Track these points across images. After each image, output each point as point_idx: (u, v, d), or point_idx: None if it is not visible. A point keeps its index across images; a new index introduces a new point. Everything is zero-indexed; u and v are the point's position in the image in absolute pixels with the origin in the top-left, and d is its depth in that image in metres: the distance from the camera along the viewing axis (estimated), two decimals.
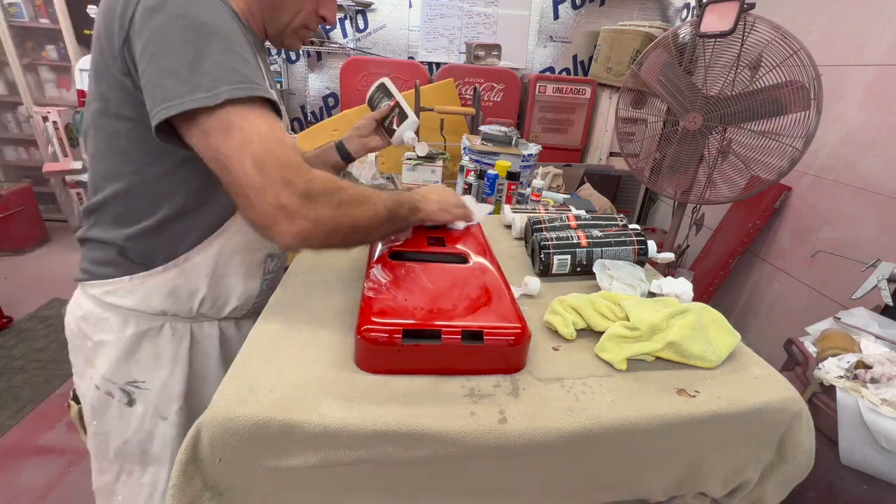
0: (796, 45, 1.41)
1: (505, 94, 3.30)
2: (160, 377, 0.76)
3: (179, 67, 0.54)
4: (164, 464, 0.79)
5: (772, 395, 0.59)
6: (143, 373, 0.75)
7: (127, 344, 0.73)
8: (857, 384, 1.11)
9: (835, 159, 2.02)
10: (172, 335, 0.76)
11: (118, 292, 0.72)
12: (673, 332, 0.62)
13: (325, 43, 3.31)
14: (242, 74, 0.57)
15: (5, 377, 1.96)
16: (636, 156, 1.94)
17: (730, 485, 0.63)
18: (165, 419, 0.77)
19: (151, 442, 0.77)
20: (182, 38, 0.55)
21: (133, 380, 0.75)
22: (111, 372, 0.74)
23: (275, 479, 0.51)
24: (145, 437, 0.77)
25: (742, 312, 2.47)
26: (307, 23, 0.76)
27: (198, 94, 0.54)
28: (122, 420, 0.76)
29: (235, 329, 0.85)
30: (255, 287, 0.82)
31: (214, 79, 0.54)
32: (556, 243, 0.85)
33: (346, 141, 1.11)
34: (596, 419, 0.53)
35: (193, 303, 0.76)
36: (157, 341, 0.75)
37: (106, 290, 0.72)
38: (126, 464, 0.78)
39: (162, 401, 0.76)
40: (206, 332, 0.80)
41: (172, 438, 0.78)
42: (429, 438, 0.50)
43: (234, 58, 0.57)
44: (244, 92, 0.56)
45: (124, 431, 0.76)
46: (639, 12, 3.51)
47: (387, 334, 0.55)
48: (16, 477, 1.54)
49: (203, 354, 0.80)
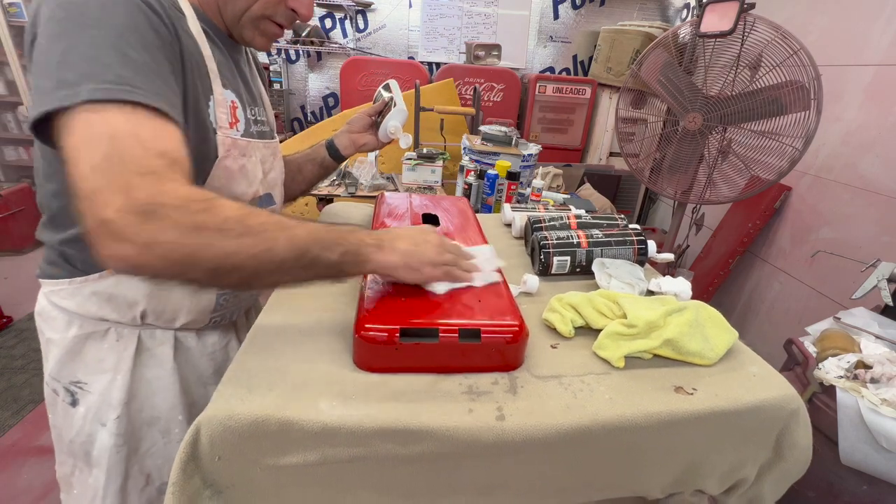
0: (796, 45, 1.42)
1: (505, 94, 3.30)
2: (101, 382, 0.72)
3: (49, 63, 0.49)
4: (102, 469, 0.74)
5: (769, 393, 0.59)
6: (86, 374, 0.72)
7: (70, 345, 0.70)
8: (857, 384, 1.11)
9: (835, 159, 2.02)
10: (117, 341, 0.71)
11: (60, 293, 0.69)
12: (670, 330, 0.62)
13: (325, 43, 3.32)
14: (115, 73, 0.49)
15: (5, 377, 1.96)
16: (636, 156, 1.94)
17: (727, 482, 0.63)
18: (104, 426, 0.73)
19: (92, 445, 0.73)
20: (59, 29, 0.50)
21: (77, 380, 0.72)
22: (56, 370, 0.72)
23: (274, 477, 0.51)
24: (87, 440, 0.73)
25: (742, 312, 2.47)
26: (270, 13, 0.68)
27: (60, 92, 0.47)
28: (67, 419, 0.73)
29: (196, 339, 0.78)
30: (209, 302, 0.75)
31: (81, 76, 0.48)
32: (556, 243, 0.85)
33: (337, 137, 1.03)
34: (594, 416, 0.53)
35: (134, 313, 0.70)
36: (101, 345, 0.71)
37: (52, 290, 0.70)
38: (77, 461, 0.76)
39: (101, 406, 0.72)
40: (158, 340, 0.74)
41: (109, 447, 0.72)
42: (427, 435, 0.50)
43: (111, 54, 0.49)
44: (107, 94, 0.48)
45: (69, 431, 0.74)
46: (639, 12, 3.51)
47: (385, 333, 0.55)
48: (16, 477, 1.54)
49: (154, 363, 0.74)
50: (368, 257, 0.58)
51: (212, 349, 0.81)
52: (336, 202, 1.96)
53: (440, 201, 1.03)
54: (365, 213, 1.15)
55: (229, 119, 0.68)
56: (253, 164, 0.74)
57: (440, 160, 2.11)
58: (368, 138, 1.04)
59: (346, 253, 0.56)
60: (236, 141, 0.69)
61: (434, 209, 0.95)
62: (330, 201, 2.00)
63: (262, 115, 0.80)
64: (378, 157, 2.18)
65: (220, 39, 0.70)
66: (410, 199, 0.99)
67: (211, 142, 0.65)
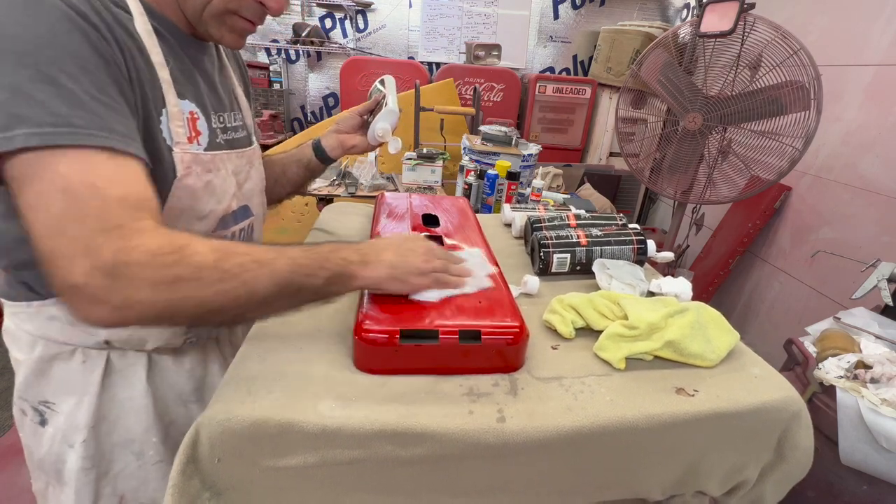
0: (796, 45, 1.42)
1: (505, 94, 3.30)
2: (68, 403, 0.69)
3: None
4: (72, 489, 0.71)
5: (771, 395, 0.59)
6: (54, 395, 0.69)
7: (35, 365, 0.67)
8: (857, 384, 1.11)
9: (835, 159, 2.02)
10: (84, 362, 0.68)
11: (20, 316, 0.66)
12: (672, 331, 0.62)
13: (325, 43, 3.31)
14: (51, 112, 0.44)
15: (5, 377, 1.96)
16: (636, 156, 1.94)
17: (728, 484, 0.63)
18: (72, 447, 0.70)
19: (63, 465, 0.71)
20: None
21: (45, 400, 0.69)
22: (23, 389, 0.69)
23: (274, 479, 0.51)
24: (56, 459, 0.71)
25: (742, 312, 2.47)
26: (234, 7, 0.61)
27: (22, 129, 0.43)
28: (36, 438, 0.71)
29: (172, 360, 0.73)
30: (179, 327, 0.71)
31: (11, 117, 0.43)
32: (556, 242, 0.85)
33: (324, 138, 0.95)
34: (595, 418, 0.53)
35: (98, 338, 0.66)
36: (67, 366, 0.68)
37: (13, 311, 0.66)
38: (49, 478, 0.74)
39: (68, 428, 0.69)
40: (129, 361, 0.70)
41: (77, 469, 0.70)
42: (427, 437, 0.50)
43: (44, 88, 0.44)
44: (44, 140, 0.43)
45: (38, 449, 0.71)
46: (639, 12, 3.51)
47: (385, 335, 0.55)
48: (16, 477, 1.54)
49: (125, 384, 0.70)
50: (354, 275, 0.57)
51: (190, 366, 0.76)
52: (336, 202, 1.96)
53: (440, 201, 1.03)
54: (365, 214, 1.15)
55: (187, 133, 0.61)
56: (222, 178, 0.68)
57: (440, 160, 2.11)
58: (358, 140, 0.96)
59: (332, 276, 0.55)
60: (198, 156, 0.62)
61: (434, 209, 0.94)
62: (330, 201, 2.00)
63: (236, 119, 0.74)
64: (378, 156, 2.18)
65: (178, 39, 0.63)
66: (410, 200, 0.99)
67: (167, 160, 0.59)
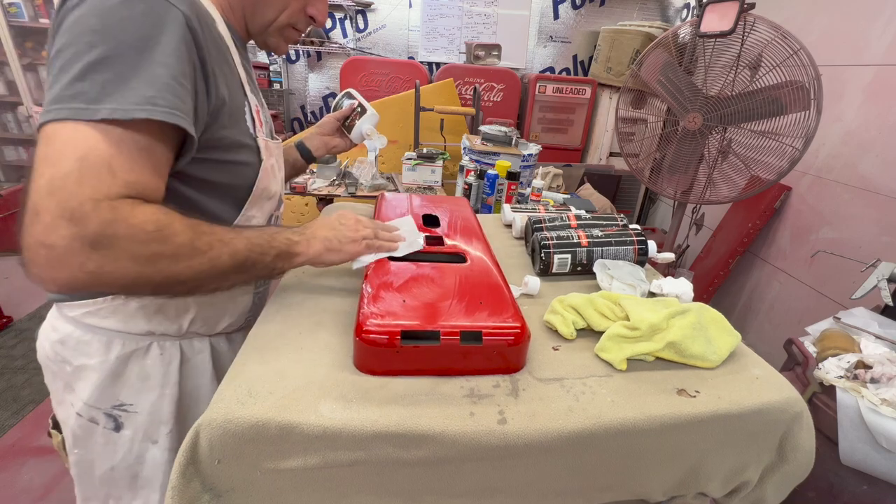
0: (796, 45, 1.41)
1: (505, 94, 3.30)
2: (149, 399, 0.71)
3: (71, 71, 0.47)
4: (154, 489, 0.74)
5: (772, 396, 0.59)
6: (130, 395, 0.70)
7: (112, 367, 0.68)
8: (857, 384, 1.11)
9: (835, 159, 2.02)
10: (161, 355, 0.71)
11: (100, 313, 0.66)
12: (673, 332, 0.62)
13: (325, 43, 3.31)
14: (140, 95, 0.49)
15: (5, 377, 1.96)
16: (636, 156, 1.94)
17: (730, 485, 0.63)
18: (156, 443, 0.72)
19: (142, 466, 0.73)
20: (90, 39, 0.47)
21: (120, 403, 0.70)
22: (95, 397, 0.69)
23: (274, 481, 0.51)
24: (134, 462, 0.72)
25: (742, 312, 2.47)
26: (294, 22, 0.71)
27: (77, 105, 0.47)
28: (108, 446, 0.71)
29: (227, 343, 0.80)
30: (248, 302, 0.79)
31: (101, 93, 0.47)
32: (557, 242, 0.85)
33: (307, 139, 1.07)
34: (596, 419, 0.53)
35: (183, 322, 0.71)
36: (144, 362, 0.70)
37: (86, 312, 0.66)
38: (113, 490, 0.74)
39: (151, 424, 0.72)
40: (196, 350, 0.75)
41: (164, 462, 0.73)
42: (428, 439, 0.50)
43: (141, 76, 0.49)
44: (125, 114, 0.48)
45: (111, 458, 0.72)
46: (639, 12, 3.51)
47: (386, 336, 0.55)
48: (16, 477, 1.54)
49: (195, 373, 0.75)
50: (297, 252, 0.65)
51: None
52: (336, 202, 1.95)
53: (440, 202, 1.03)
54: (365, 214, 1.15)
55: (258, 123, 0.70)
56: (277, 163, 0.78)
57: (440, 160, 2.11)
58: (338, 141, 1.09)
59: (279, 253, 0.63)
60: (268, 143, 0.72)
61: (434, 210, 0.94)
62: (330, 201, 2.00)
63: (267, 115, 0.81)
64: (378, 156, 2.18)
65: (240, 44, 0.70)
66: (410, 200, 0.99)
67: (252, 146, 0.68)
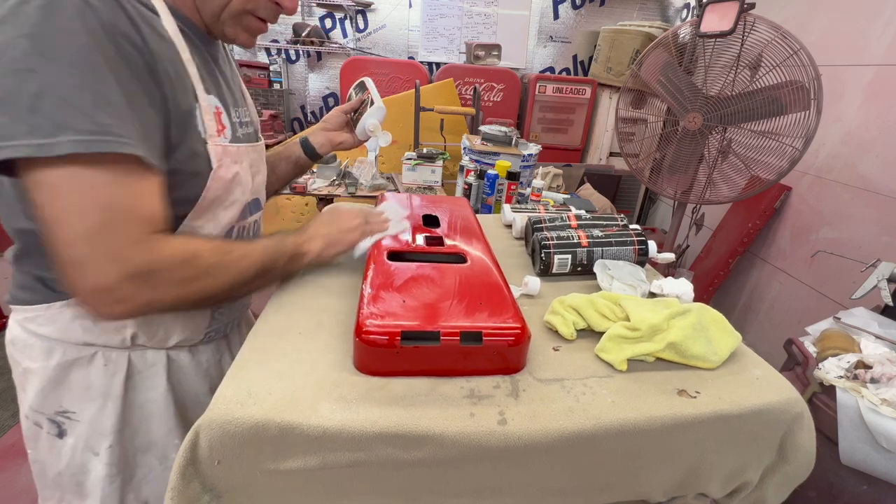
0: (796, 45, 1.41)
1: (505, 94, 3.30)
2: (90, 410, 0.68)
3: (17, 103, 0.45)
4: (96, 500, 0.71)
5: (773, 396, 0.59)
6: (73, 402, 0.67)
7: (52, 374, 0.66)
8: (857, 384, 1.11)
9: (835, 159, 2.02)
10: (105, 366, 0.67)
11: (37, 320, 0.65)
12: (674, 333, 0.62)
13: (325, 43, 3.31)
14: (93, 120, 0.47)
15: (5, 377, 1.95)
16: (636, 156, 1.94)
17: (730, 486, 0.63)
18: (97, 455, 0.69)
19: (86, 476, 0.70)
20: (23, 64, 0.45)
21: (63, 409, 0.68)
22: (38, 402, 0.67)
23: (274, 482, 0.51)
24: (78, 471, 0.70)
25: (742, 312, 2.48)
26: (251, 7, 0.64)
27: (34, 140, 0.45)
28: (53, 452, 0.69)
29: (189, 357, 0.75)
30: (204, 318, 0.74)
31: (56, 124, 0.46)
32: (557, 243, 0.85)
33: (312, 135, 1.00)
34: (596, 420, 0.53)
35: (124, 335, 0.67)
36: (88, 371, 0.67)
37: (26, 317, 0.65)
38: (65, 494, 0.72)
39: (92, 435, 0.69)
40: (149, 362, 0.71)
41: (103, 477, 0.70)
42: (428, 440, 0.50)
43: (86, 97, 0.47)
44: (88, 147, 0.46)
45: (57, 463, 0.70)
46: (639, 12, 3.51)
47: (386, 336, 0.55)
48: (16, 477, 1.54)
49: (145, 387, 0.71)
50: (304, 251, 0.70)
51: (206, 366, 0.78)
52: (336, 202, 1.95)
53: (440, 202, 1.02)
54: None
55: (216, 126, 0.65)
56: (244, 170, 0.71)
57: (440, 160, 2.11)
58: (345, 136, 1.02)
59: (292, 256, 0.69)
60: (227, 148, 0.66)
61: (434, 210, 0.94)
62: (330, 201, 2.00)
63: (247, 115, 0.76)
64: (378, 156, 2.18)
65: (198, 38, 0.65)
66: (410, 200, 0.99)
67: (202, 153, 0.63)
